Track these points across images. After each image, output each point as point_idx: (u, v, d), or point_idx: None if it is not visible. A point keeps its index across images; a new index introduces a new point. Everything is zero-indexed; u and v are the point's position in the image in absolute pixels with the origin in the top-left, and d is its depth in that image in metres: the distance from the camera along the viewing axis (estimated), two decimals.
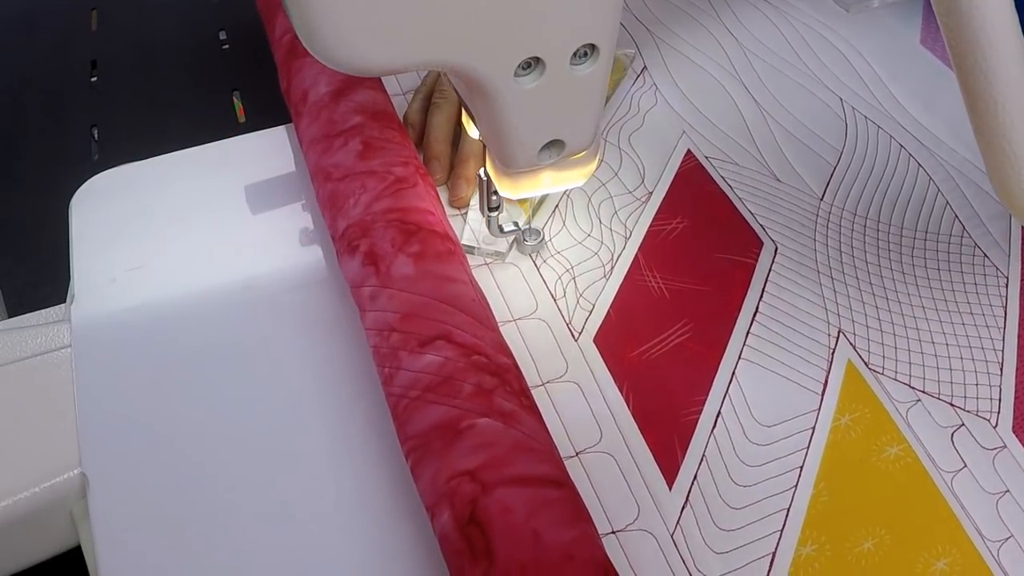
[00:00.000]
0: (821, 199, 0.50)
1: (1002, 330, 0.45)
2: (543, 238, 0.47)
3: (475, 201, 0.48)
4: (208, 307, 0.45)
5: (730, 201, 0.49)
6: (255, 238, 0.48)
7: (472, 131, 0.37)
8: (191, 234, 0.48)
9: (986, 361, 0.44)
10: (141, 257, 0.47)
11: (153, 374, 0.42)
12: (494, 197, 0.42)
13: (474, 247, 0.45)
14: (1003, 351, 0.44)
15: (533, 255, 0.46)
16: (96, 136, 0.71)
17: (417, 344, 0.36)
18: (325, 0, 0.26)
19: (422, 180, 0.43)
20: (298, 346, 0.42)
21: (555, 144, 0.35)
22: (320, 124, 0.45)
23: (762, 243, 0.47)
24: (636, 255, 0.46)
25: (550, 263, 0.46)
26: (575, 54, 0.31)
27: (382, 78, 0.54)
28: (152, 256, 0.47)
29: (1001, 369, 0.43)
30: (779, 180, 0.51)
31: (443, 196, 0.49)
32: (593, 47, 0.31)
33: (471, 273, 0.41)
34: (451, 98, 0.50)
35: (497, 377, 0.35)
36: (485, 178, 0.41)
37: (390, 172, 0.42)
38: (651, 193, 0.49)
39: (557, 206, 0.49)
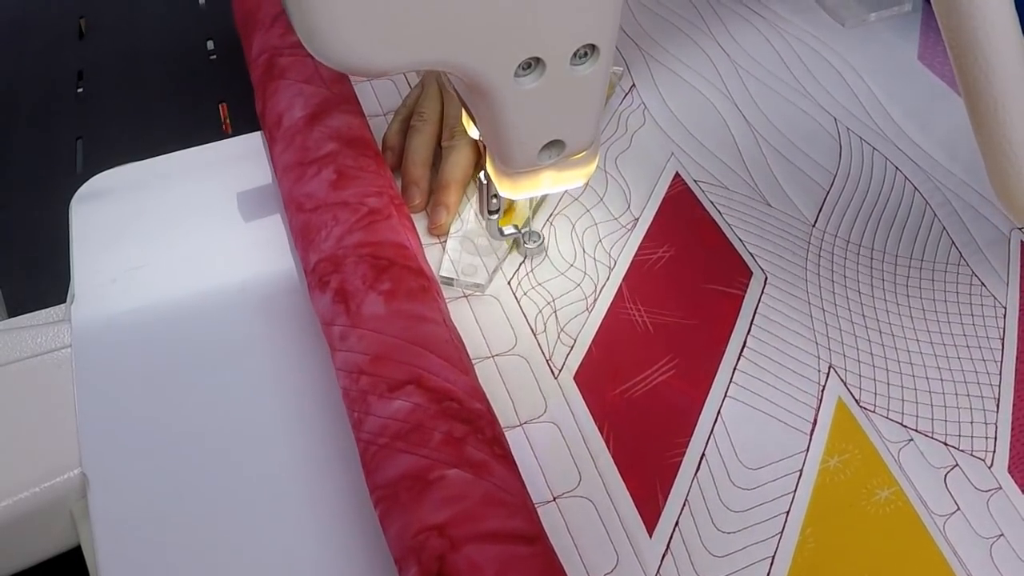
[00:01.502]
0: (813, 225, 0.48)
1: (999, 364, 0.44)
2: (543, 240, 0.47)
3: (455, 228, 0.47)
4: (209, 307, 0.45)
5: (719, 228, 0.48)
6: (256, 237, 0.48)
7: (472, 131, 0.37)
8: (191, 234, 0.48)
9: (982, 397, 0.42)
10: (141, 257, 0.47)
11: (153, 374, 0.42)
12: (494, 200, 0.42)
13: (453, 279, 0.44)
14: (1000, 386, 0.43)
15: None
16: (81, 148, 0.70)
17: (386, 388, 0.35)
18: (325, 0, 0.26)
19: (396, 211, 0.42)
20: (298, 347, 0.42)
21: (555, 144, 0.35)
22: (294, 151, 0.44)
23: (751, 272, 0.46)
24: (620, 286, 0.45)
25: (531, 295, 0.44)
26: (575, 54, 0.31)
27: (360, 100, 0.53)
28: (152, 256, 0.47)
29: (997, 405, 0.42)
30: (770, 205, 0.49)
31: (422, 224, 0.47)
32: (593, 47, 0.31)
33: (445, 311, 0.40)
34: (431, 120, 0.49)
35: (469, 424, 0.34)
36: (485, 181, 0.41)
37: (363, 203, 0.41)
38: (637, 220, 0.48)
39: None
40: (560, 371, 0.42)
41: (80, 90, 0.77)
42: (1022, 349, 0.44)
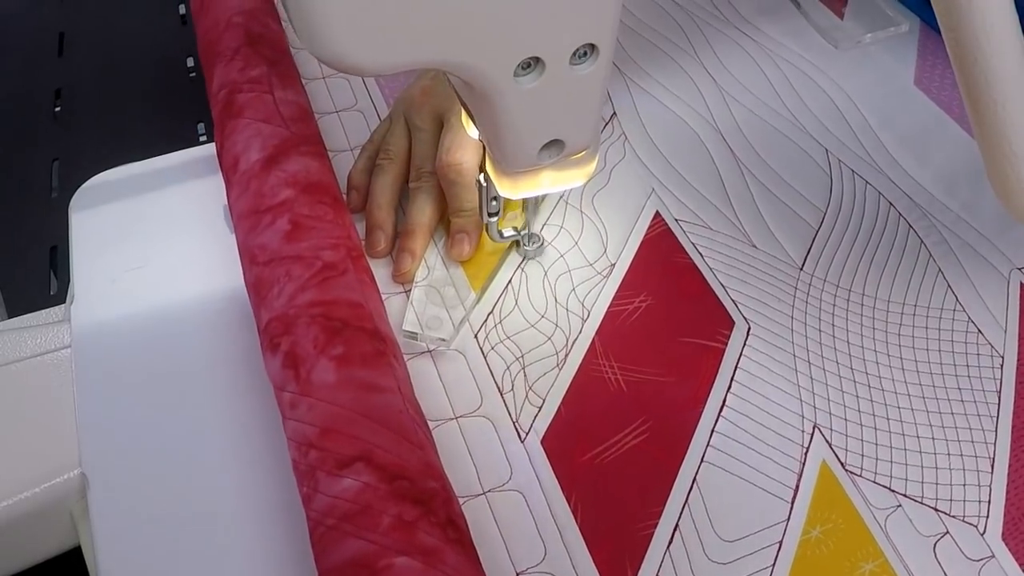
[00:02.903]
0: (801, 268, 0.46)
1: (995, 419, 0.42)
2: (543, 242, 0.47)
3: (420, 276, 0.45)
4: (209, 307, 0.45)
5: (700, 273, 0.46)
6: None
7: (472, 131, 0.37)
8: (191, 234, 0.48)
9: (975, 456, 0.40)
10: (141, 257, 0.48)
11: (153, 374, 0.43)
12: (493, 202, 0.43)
13: (417, 333, 0.42)
14: (995, 444, 0.41)
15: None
16: (57, 170, 0.69)
17: (335, 465, 0.33)
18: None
19: (353, 264, 0.40)
20: None
21: (555, 144, 0.35)
22: (249, 197, 0.42)
23: (734, 323, 0.44)
24: (593, 340, 0.43)
25: (498, 350, 0.43)
26: (575, 54, 0.31)
27: (326, 136, 0.51)
28: (152, 256, 0.48)
29: (992, 466, 0.40)
30: (755, 247, 0.47)
31: (387, 270, 0.45)
32: (593, 47, 0.31)
33: (402, 375, 0.38)
34: (397, 159, 0.47)
35: (421, 506, 0.32)
36: (485, 183, 0.41)
37: (318, 257, 0.39)
38: (613, 265, 0.46)
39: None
40: (527, 434, 0.40)
41: (57, 109, 0.76)
42: (1019, 403, 0.42)
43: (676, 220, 0.48)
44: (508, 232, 0.45)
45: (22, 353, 0.44)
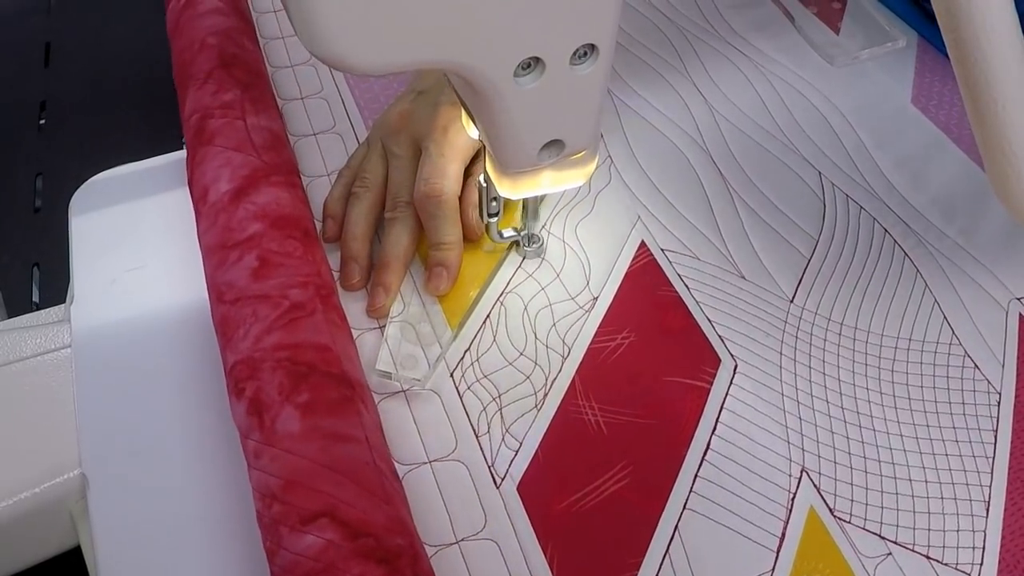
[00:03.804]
0: (791, 301, 0.45)
1: (990, 460, 0.41)
2: (542, 243, 0.47)
3: (396, 310, 0.44)
4: (208, 307, 0.44)
5: (686, 307, 0.45)
6: None
7: (472, 131, 0.38)
8: (190, 235, 0.48)
9: (970, 500, 0.39)
10: (141, 258, 0.48)
11: (153, 374, 0.43)
12: (493, 203, 0.43)
13: (390, 372, 0.41)
14: (991, 487, 0.40)
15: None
16: (41, 185, 0.69)
17: (299, 520, 0.33)
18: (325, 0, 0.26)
19: (323, 303, 0.39)
20: None
21: (555, 144, 0.36)
22: (217, 231, 0.41)
23: (720, 360, 0.43)
24: (573, 379, 0.42)
25: (475, 389, 0.42)
26: (575, 54, 0.32)
27: (302, 160, 0.50)
28: (152, 256, 0.48)
29: (987, 510, 0.39)
30: (744, 278, 0.46)
31: (362, 304, 0.45)
32: (593, 47, 0.32)
33: (370, 422, 0.37)
34: (373, 186, 0.46)
35: (386, 565, 0.32)
36: (485, 183, 0.42)
37: (285, 296, 0.38)
38: (596, 299, 0.45)
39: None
40: (503, 480, 0.39)
41: (42, 121, 0.75)
42: (1016, 443, 0.41)
43: (662, 250, 0.47)
44: (508, 232, 0.46)
45: (22, 353, 0.45)
